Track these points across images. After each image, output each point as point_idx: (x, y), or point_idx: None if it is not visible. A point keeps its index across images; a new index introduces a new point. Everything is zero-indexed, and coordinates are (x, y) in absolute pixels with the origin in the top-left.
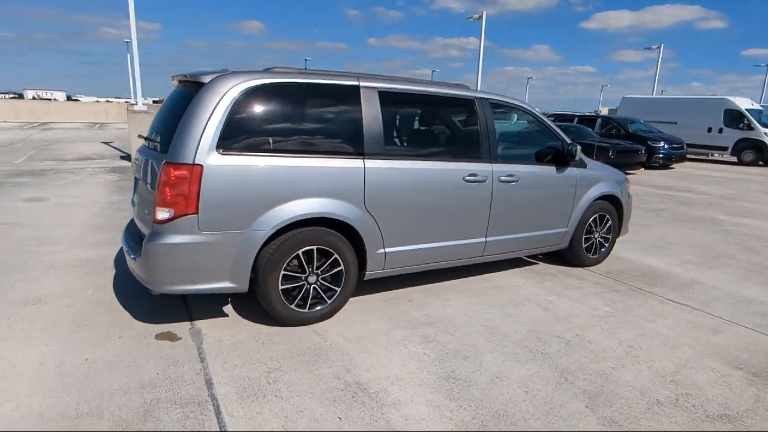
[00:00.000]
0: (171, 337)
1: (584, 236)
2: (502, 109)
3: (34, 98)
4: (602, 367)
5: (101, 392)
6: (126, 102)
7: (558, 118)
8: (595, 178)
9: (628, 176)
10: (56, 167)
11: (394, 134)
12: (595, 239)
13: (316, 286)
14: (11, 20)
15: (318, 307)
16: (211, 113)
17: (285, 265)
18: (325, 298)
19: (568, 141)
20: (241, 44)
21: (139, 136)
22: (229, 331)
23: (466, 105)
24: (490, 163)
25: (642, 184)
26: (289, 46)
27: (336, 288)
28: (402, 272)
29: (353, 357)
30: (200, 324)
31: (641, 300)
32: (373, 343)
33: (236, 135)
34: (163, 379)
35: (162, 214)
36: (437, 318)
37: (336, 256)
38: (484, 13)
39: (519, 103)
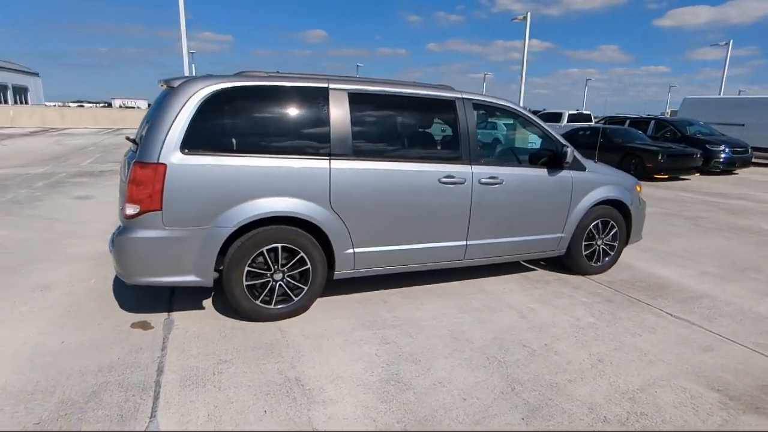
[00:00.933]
0: (145, 326)
1: (584, 243)
2: (484, 110)
3: (120, 106)
4: (558, 379)
5: (62, 372)
6: None
7: (609, 120)
8: (595, 182)
9: (683, 180)
10: (113, 168)
11: (364, 135)
12: (598, 246)
13: (282, 284)
14: (106, 36)
15: (284, 305)
16: (176, 116)
17: (249, 262)
18: (292, 295)
19: (562, 142)
20: (305, 53)
21: (127, 138)
22: (199, 323)
23: (444, 106)
24: (470, 164)
25: (692, 190)
26: (351, 54)
27: (303, 286)
28: (375, 273)
29: (304, 354)
30: (176, 315)
31: (634, 312)
32: (330, 341)
33: (200, 136)
34: (121, 364)
35: (130, 210)
36: (405, 320)
37: (302, 254)
38: (529, 14)
39: (507, 104)
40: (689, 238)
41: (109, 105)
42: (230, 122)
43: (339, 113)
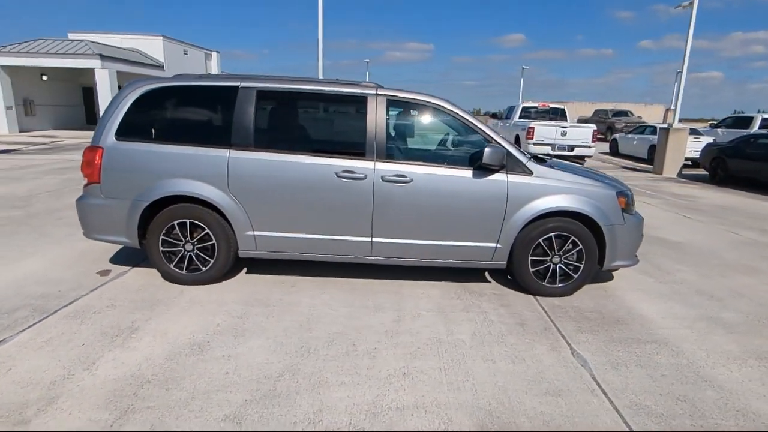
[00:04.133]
0: (104, 273)
1: (531, 258)
2: (402, 107)
3: None
4: (329, 377)
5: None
6: None
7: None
8: (542, 190)
9: None
10: None
11: (268, 128)
12: (554, 265)
13: (192, 255)
14: (327, 51)
15: (195, 273)
16: (116, 109)
17: (164, 232)
18: (200, 266)
19: (499, 143)
20: (502, 57)
21: None
22: (143, 278)
23: (355, 102)
24: (374, 161)
25: None
26: (548, 56)
27: (210, 259)
28: (279, 257)
29: (169, 312)
30: (136, 270)
31: (529, 340)
32: (201, 308)
33: (131, 126)
34: (56, 294)
35: (84, 181)
36: (285, 304)
37: (207, 231)
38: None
39: (431, 100)
40: (742, 273)
41: None
42: (154, 115)
43: (243, 108)
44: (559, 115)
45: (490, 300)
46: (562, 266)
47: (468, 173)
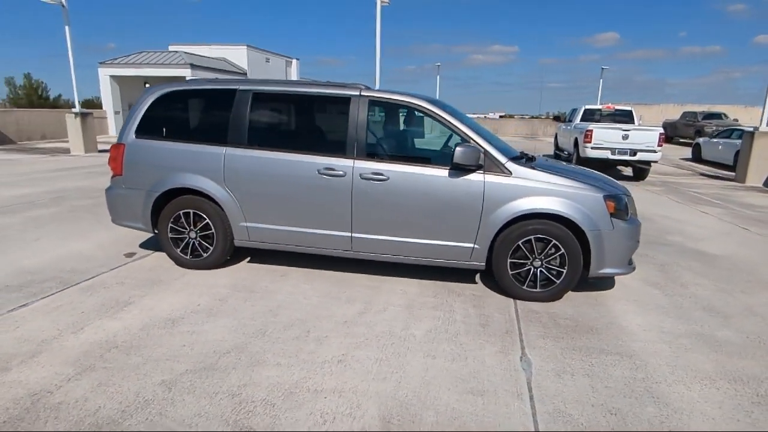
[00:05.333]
0: (130, 255)
1: (510, 260)
2: (385, 107)
3: None
4: (264, 357)
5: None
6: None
7: None
8: (521, 191)
9: None
10: None
11: (258, 127)
12: (535, 269)
13: (195, 242)
14: (413, 55)
15: (198, 258)
16: (137, 110)
17: (172, 220)
18: (202, 252)
19: (476, 143)
20: (592, 57)
21: None
22: (158, 260)
23: (339, 103)
24: (353, 159)
25: None
26: (646, 55)
27: (210, 246)
28: (268, 247)
29: (163, 290)
30: (157, 254)
31: (481, 341)
32: (191, 288)
33: (147, 126)
34: (82, 270)
35: (111, 174)
36: (268, 291)
37: (207, 220)
38: None
39: (412, 101)
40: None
41: None
42: (166, 115)
43: (239, 109)
44: (626, 117)
45: (466, 300)
46: (544, 271)
47: (444, 172)
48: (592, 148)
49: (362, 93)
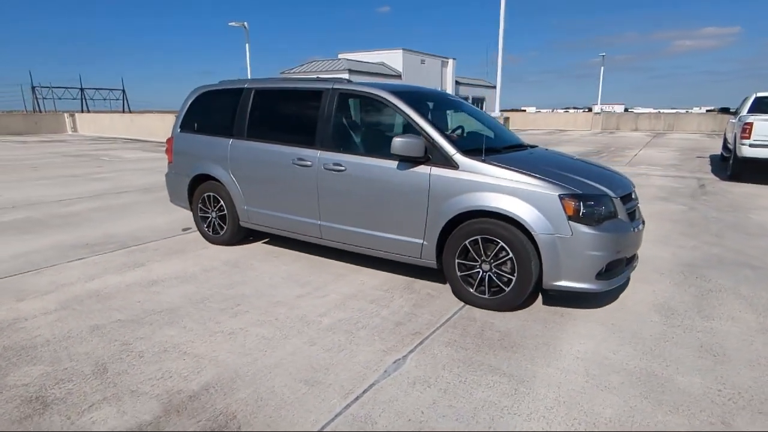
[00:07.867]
0: (186, 230)
1: (458, 261)
2: (353, 99)
3: (597, 112)
4: (143, 330)
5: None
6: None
7: None
8: (466, 186)
9: None
10: None
11: (257, 121)
12: (484, 272)
13: (215, 221)
14: (604, 46)
15: (216, 235)
16: (182, 108)
17: (199, 202)
18: (219, 231)
19: (427, 134)
20: None
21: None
22: (199, 236)
23: (313, 97)
24: (319, 150)
25: None
26: None
27: (225, 225)
28: (263, 229)
29: (174, 259)
30: None
31: (374, 341)
32: (192, 260)
33: (187, 121)
34: (147, 237)
35: (167, 161)
36: (246, 267)
37: (222, 203)
38: None
39: (377, 93)
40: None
41: (590, 109)
42: (200, 112)
43: (243, 104)
44: None
45: (413, 299)
46: (494, 277)
47: (392, 164)
48: (750, 145)
49: (334, 86)
